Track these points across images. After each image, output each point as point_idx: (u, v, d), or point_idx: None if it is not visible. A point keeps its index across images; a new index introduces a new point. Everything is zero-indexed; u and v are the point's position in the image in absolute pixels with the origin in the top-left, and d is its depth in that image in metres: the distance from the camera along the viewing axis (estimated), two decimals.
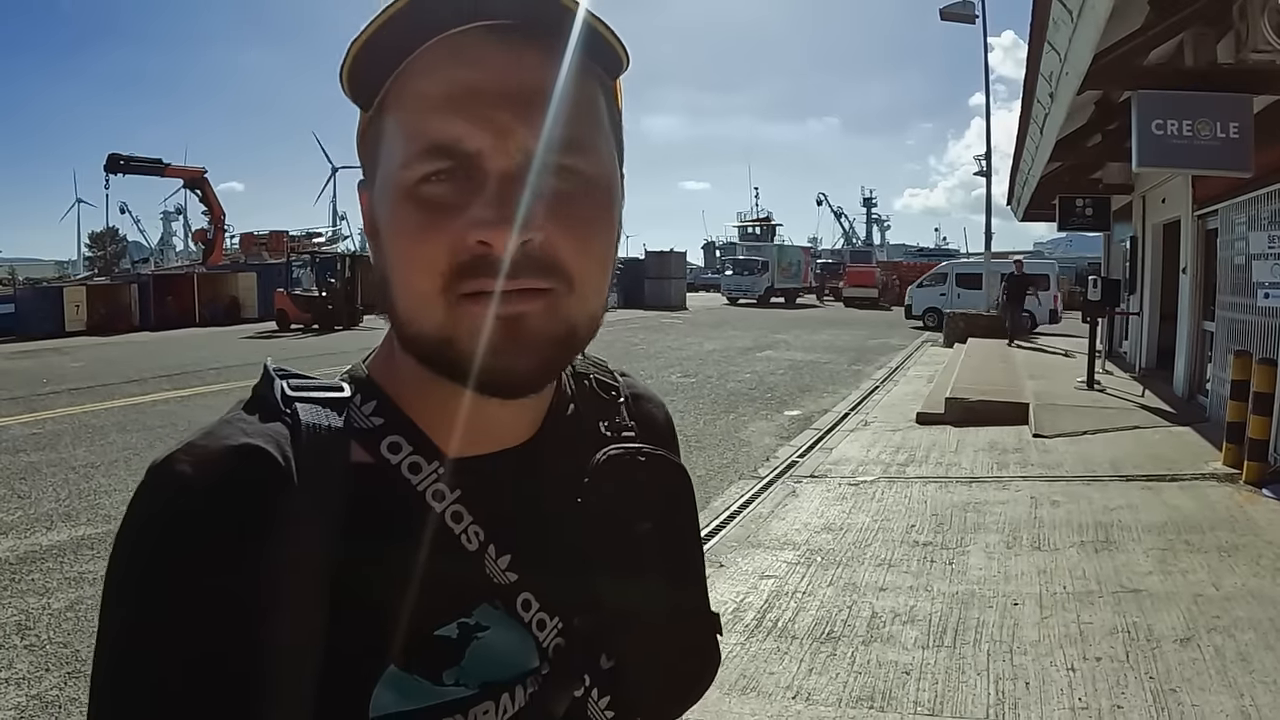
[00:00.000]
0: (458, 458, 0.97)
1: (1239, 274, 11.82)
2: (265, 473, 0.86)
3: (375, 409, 0.97)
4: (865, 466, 11.21)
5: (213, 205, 61.90)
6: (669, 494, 1.15)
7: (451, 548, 0.94)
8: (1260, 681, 5.22)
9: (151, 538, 0.85)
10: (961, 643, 5.94)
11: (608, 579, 1.04)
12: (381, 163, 0.92)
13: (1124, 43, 9.84)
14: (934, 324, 37.36)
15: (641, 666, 1.06)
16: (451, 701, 0.90)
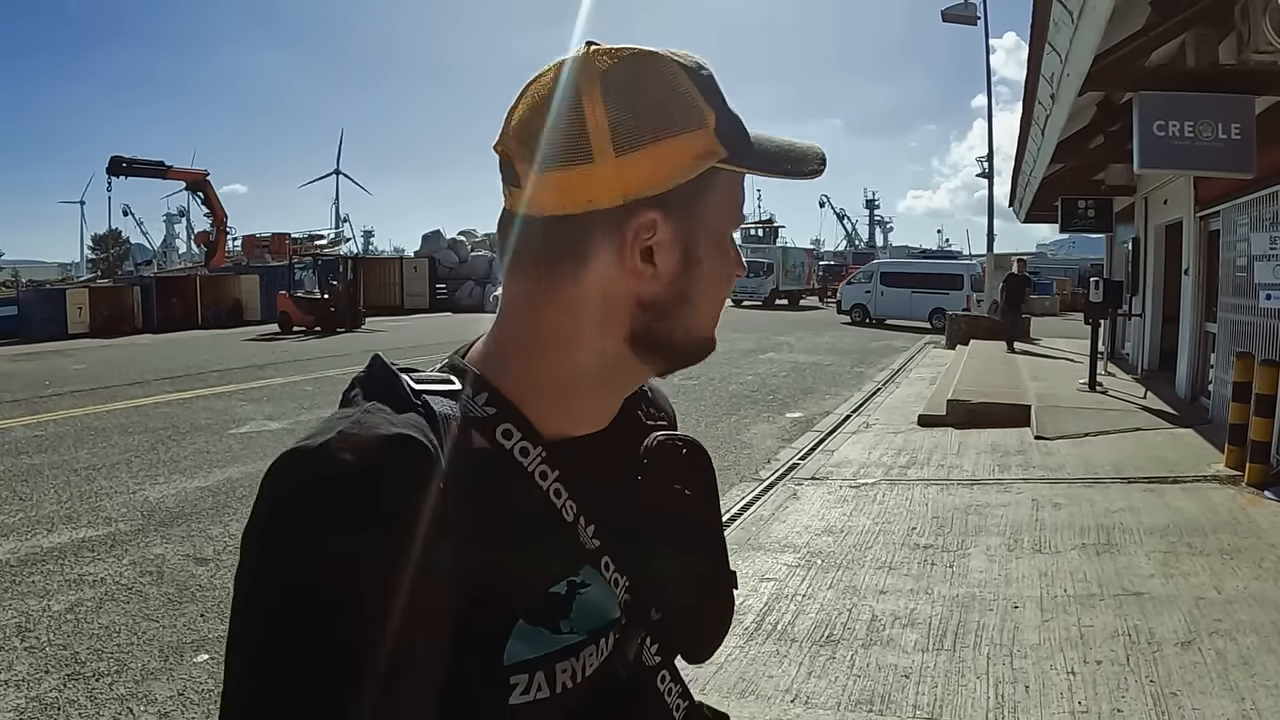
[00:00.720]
0: (556, 440, 1.13)
1: (1241, 275, 11.80)
2: (421, 459, 0.96)
3: (487, 400, 1.10)
4: (866, 469, 11.20)
5: (215, 207, 61.89)
6: (702, 474, 1.31)
7: (556, 519, 1.10)
8: (1262, 685, 5.19)
9: (321, 521, 0.91)
10: (962, 646, 5.92)
11: (660, 545, 1.21)
12: (710, 208, 1.13)
13: (1125, 44, 9.82)
14: (859, 319, 42.41)
15: (682, 616, 1.26)
16: (567, 647, 1.07)
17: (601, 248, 1.08)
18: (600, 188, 1.05)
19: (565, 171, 1.05)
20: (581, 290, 1.09)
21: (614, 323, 1.11)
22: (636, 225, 1.07)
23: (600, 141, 1.04)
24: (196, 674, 5.84)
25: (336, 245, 63.33)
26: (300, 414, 15.53)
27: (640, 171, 1.06)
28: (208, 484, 10.61)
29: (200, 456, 12.12)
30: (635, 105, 1.06)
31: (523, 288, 1.13)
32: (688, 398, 17.24)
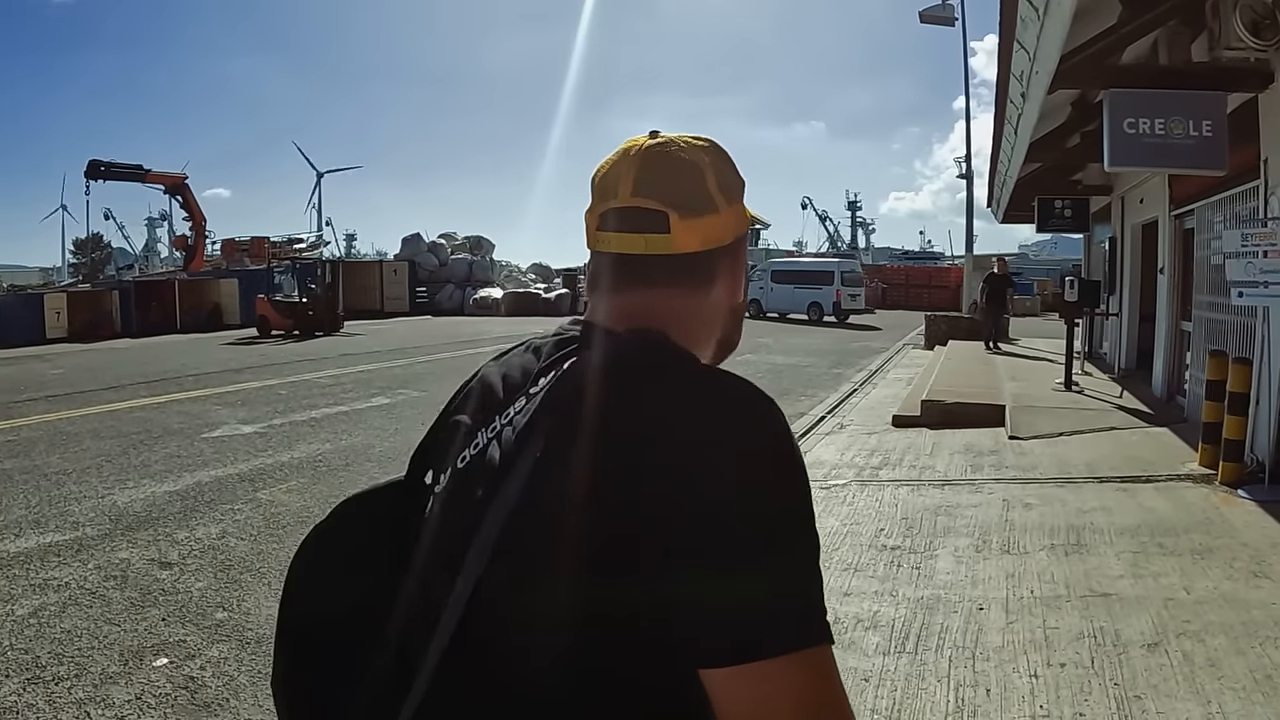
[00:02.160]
0: None
1: (1216, 274, 11.78)
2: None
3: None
4: (838, 470, 11.10)
5: (194, 211, 61.58)
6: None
7: None
8: (1229, 688, 5.10)
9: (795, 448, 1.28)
10: (924, 649, 5.81)
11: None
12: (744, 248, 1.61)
13: (1096, 41, 9.80)
14: (754, 313, 46.44)
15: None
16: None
17: (723, 271, 1.52)
18: (722, 230, 1.50)
19: (702, 220, 1.47)
20: (710, 302, 1.52)
21: (719, 325, 1.57)
22: (741, 254, 1.57)
23: (718, 199, 1.49)
24: (155, 678, 5.75)
25: (316, 249, 62.99)
26: (273, 418, 15.38)
27: (739, 218, 1.54)
28: (176, 488, 10.48)
29: (171, 461, 11.98)
30: (726, 176, 1.53)
31: (674, 299, 1.48)
32: None
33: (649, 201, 1.45)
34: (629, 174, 1.48)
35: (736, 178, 1.57)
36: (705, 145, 1.54)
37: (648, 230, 1.45)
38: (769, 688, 1.12)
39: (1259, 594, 6.52)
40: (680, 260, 1.46)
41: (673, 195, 1.45)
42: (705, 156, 1.51)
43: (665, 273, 1.46)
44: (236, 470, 11.39)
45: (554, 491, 1.22)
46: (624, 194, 1.46)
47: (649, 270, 1.46)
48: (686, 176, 1.47)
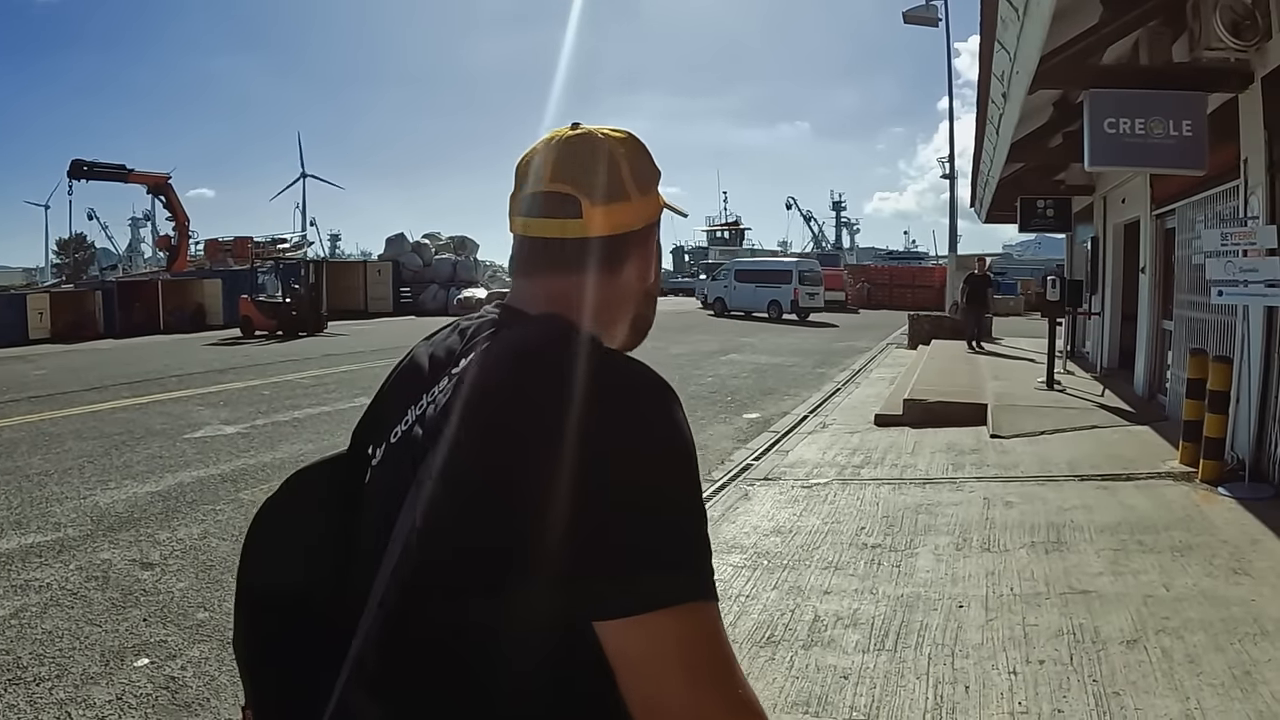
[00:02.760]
0: None
1: (1196, 273, 11.81)
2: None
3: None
4: (820, 469, 11.10)
5: (177, 211, 61.29)
6: None
7: None
8: (1208, 684, 5.11)
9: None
10: (903, 646, 5.82)
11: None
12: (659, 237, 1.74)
13: (1077, 41, 9.84)
14: (719, 310, 50.88)
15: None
16: None
17: (633, 256, 1.62)
18: (634, 216, 1.60)
19: (614, 206, 1.56)
20: (621, 285, 1.61)
21: (631, 308, 1.66)
22: (653, 240, 1.67)
23: (631, 187, 1.59)
24: (136, 678, 5.72)
25: (300, 249, 62.85)
26: (256, 418, 15.33)
27: (650, 207, 1.63)
28: (159, 489, 10.44)
29: (153, 461, 11.93)
30: (641, 166, 1.63)
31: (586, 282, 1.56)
32: None
33: (565, 187, 1.55)
34: (548, 161, 1.58)
35: (652, 168, 1.66)
36: (623, 137, 1.64)
37: (563, 215, 1.55)
38: (655, 639, 1.23)
39: (1238, 591, 6.53)
40: (593, 244, 1.56)
41: (587, 182, 1.55)
42: (621, 147, 1.61)
43: (578, 256, 1.56)
44: (219, 471, 11.35)
45: (462, 468, 1.34)
46: (543, 180, 1.57)
47: (564, 254, 1.56)
48: (601, 165, 1.57)
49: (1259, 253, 8.79)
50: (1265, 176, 9.31)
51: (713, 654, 1.28)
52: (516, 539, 1.26)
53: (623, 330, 1.66)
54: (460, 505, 1.32)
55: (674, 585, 1.25)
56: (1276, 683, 5.10)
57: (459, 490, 1.33)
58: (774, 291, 48.28)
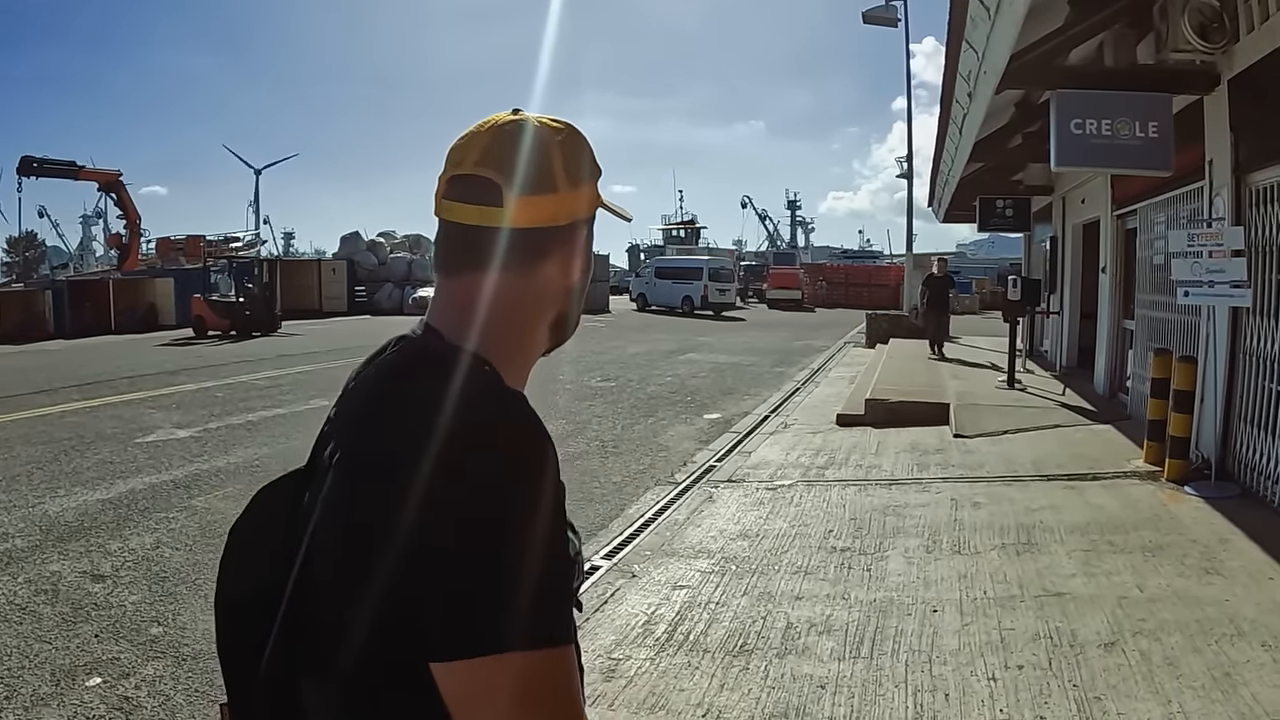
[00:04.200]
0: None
1: (1158, 273, 11.86)
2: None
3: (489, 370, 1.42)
4: (784, 470, 11.02)
5: (128, 209, 60.66)
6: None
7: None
8: (1188, 687, 5.07)
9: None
10: (879, 653, 5.73)
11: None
12: (592, 230, 1.62)
13: (1044, 42, 9.83)
14: (641, 305, 54.66)
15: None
16: (577, 550, 1.43)
17: (556, 252, 1.51)
18: (559, 210, 1.50)
19: (538, 197, 1.47)
20: (540, 283, 1.51)
21: (551, 308, 1.55)
22: (580, 237, 1.56)
23: (560, 179, 1.49)
24: (88, 698, 5.54)
25: (253, 247, 62.27)
26: (209, 421, 15.06)
27: (581, 201, 1.54)
28: (109, 496, 10.18)
29: (104, 467, 11.66)
30: (577, 157, 1.54)
31: (499, 281, 1.47)
32: (604, 400, 17.16)
33: (489, 172, 1.47)
34: (478, 145, 1.51)
35: (588, 164, 1.58)
36: (561, 128, 1.57)
37: (483, 201, 1.48)
38: (486, 682, 1.23)
39: (1211, 591, 6.51)
40: (512, 235, 1.47)
41: (513, 170, 1.48)
42: (557, 138, 1.54)
43: (495, 250, 1.48)
44: (171, 477, 11.10)
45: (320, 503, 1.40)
46: (468, 162, 1.49)
47: (481, 246, 1.48)
48: (532, 154, 1.49)
49: (1225, 254, 8.80)
50: (1231, 178, 9.34)
51: (542, 702, 1.27)
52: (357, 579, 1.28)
53: (540, 329, 1.58)
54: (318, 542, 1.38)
55: (514, 631, 1.23)
56: (1257, 684, 5.06)
57: (316, 526, 1.39)
58: (687, 287, 52.75)
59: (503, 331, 1.48)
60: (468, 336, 1.46)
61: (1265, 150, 8.79)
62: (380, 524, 1.26)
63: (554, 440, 1.35)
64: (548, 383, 19.48)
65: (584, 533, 8.63)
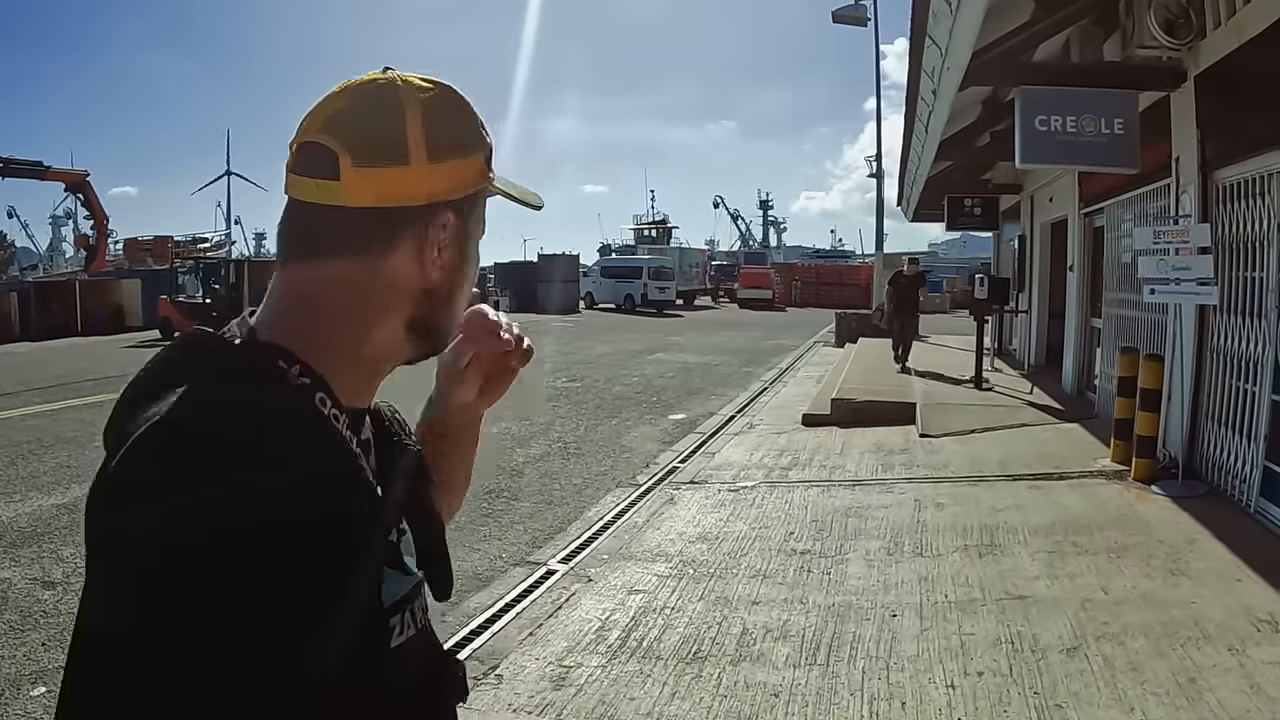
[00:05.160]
0: (349, 410, 1.24)
1: (1126, 271, 11.81)
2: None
3: (299, 372, 1.18)
4: (747, 471, 10.90)
5: (95, 210, 60.33)
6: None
7: (369, 479, 1.23)
8: (1152, 693, 4.95)
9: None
10: (835, 660, 5.60)
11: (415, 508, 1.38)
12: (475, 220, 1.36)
13: (1009, 38, 9.77)
14: (590, 303, 56.81)
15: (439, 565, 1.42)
16: (415, 584, 1.30)
17: (406, 239, 1.25)
18: (412, 187, 1.24)
19: (385, 170, 1.22)
20: (385, 276, 1.25)
21: (402, 308, 1.29)
22: (438, 223, 1.27)
23: (416, 149, 1.23)
24: (32, 708, 5.41)
25: (221, 248, 61.96)
26: None
27: (444, 179, 1.26)
28: (64, 501, 9.96)
29: (61, 472, 11.43)
30: (444, 125, 1.27)
31: (329, 271, 1.24)
32: (569, 400, 17.03)
33: (327, 139, 1.23)
34: (328, 107, 1.27)
35: (463, 133, 1.31)
36: (428, 88, 1.29)
37: (319, 174, 1.23)
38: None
39: (1177, 593, 6.40)
40: (351, 217, 1.23)
41: (355, 137, 1.23)
42: (418, 98, 1.27)
43: (334, 233, 1.24)
44: None
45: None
46: (312, 128, 1.25)
47: (315, 227, 1.25)
48: (381, 119, 1.24)
49: (1191, 251, 8.75)
50: (1197, 175, 9.29)
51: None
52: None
53: (391, 334, 1.31)
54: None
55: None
56: (1222, 689, 4.95)
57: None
58: (629, 286, 55.59)
59: (330, 330, 1.25)
60: (285, 333, 1.23)
61: (1232, 147, 8.74)
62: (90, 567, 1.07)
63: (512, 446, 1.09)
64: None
65: (542, 535, 8.59)
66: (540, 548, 8.28)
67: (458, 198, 1.29)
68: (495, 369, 1.55)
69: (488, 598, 6.99)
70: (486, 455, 1.66)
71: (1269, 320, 8.06)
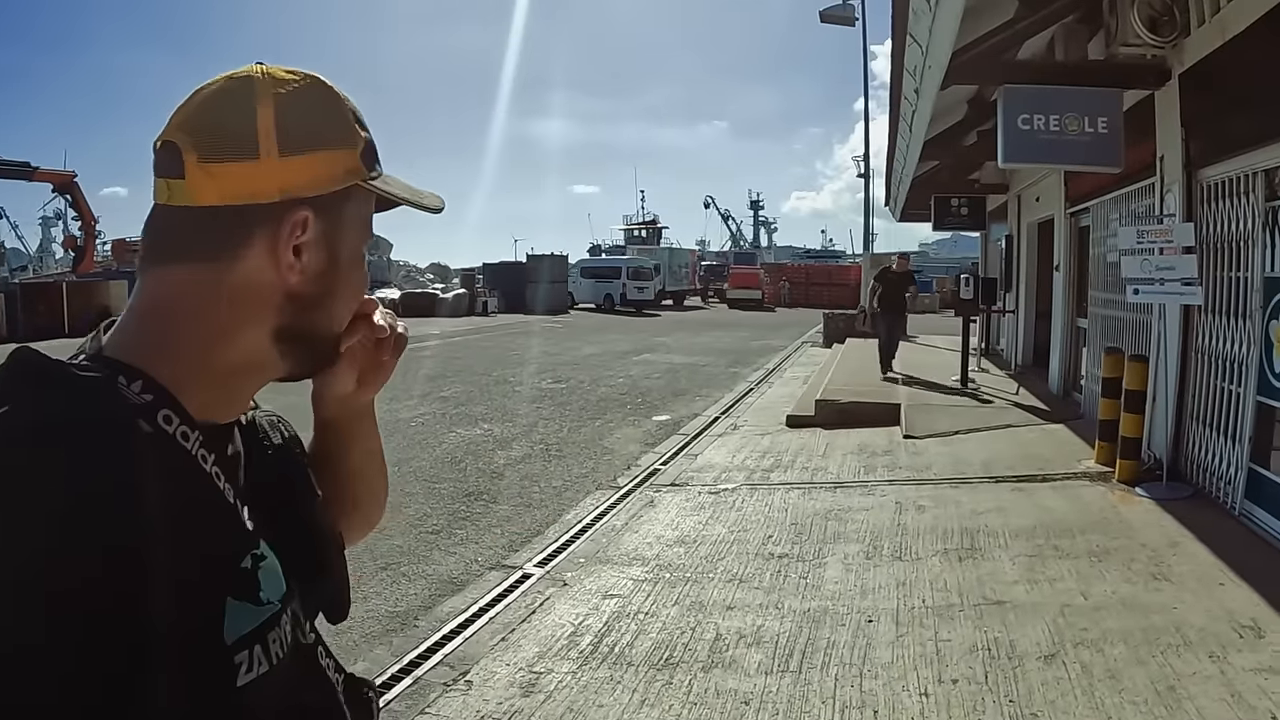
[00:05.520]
0: (206, 426, 1.14)
1: (1111, 271, 11.76)
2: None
3: (141, 387, 1.08)
4: (729, 473, 10.81)
5: (83, 211, 60.05)
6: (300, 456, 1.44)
7: (224, 500, 1.13)
8: (1130, 701, 4.86)
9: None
10: (809, 667, 5.51)
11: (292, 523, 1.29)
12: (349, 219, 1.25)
13: (992, 36, 9.74)
14: (571, 302, 56.50)
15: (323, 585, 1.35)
16: (271, 615, 1.13)
17: (258, 240, 1.15)
18: (262, 183, 1.14)
19: (231, 165, 1.12)
20: (237, 280, 1.15)
21: (263, 315, 1.18)
22: (291, 221, 1.16)
23: (267, 142, 1.14)
24: None
25: None
26: None
27: (299, 173, 1.16)
28: None
29: None
30: (301, 117, 1.17)
31: (176, 276, 1.15)
32: (554, 401, 16.94)
33: (178, 135, 1.14)
34: (186, 105, 1.18)
35: (323, 126, 1.21)
36: (288, 79, 1.20)
37: (167, 173, 1.15)
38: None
39: (1159, 598, 6.32)
40: (198, 217, 1.14)
41: (202, 131, 1.14)
42: (274, 91, 1.17)
43: (180, 235, 1.16)
44: None
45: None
46: (170, 126, 1.16)
47: (165, 230, 1.17)
48: (230, 110, 1.16)
49: (1175, 250, 8.69)
50: (1182, 174, 9.22)
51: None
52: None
53: (254, 344, 1.20)
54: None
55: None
56: (1202, 698, 4.86)
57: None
58: (608, 286, 57.18)
59: (179, 341, 1.15)
60: (133, 346, 1.14)
61: (1216, 145, 8.67)
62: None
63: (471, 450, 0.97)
64: (496, 384, 19.33)
65: (520, 539, 8.49)
66: (517, 551, 8.19)
67: (317, 194, 1.19)
68: (369, 359, 1.45)
69: (461, 602, 6.91)
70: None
71: (1253, 320, 7.99)
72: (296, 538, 1.27)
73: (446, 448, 12.54)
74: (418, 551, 8.14)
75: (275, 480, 1.31)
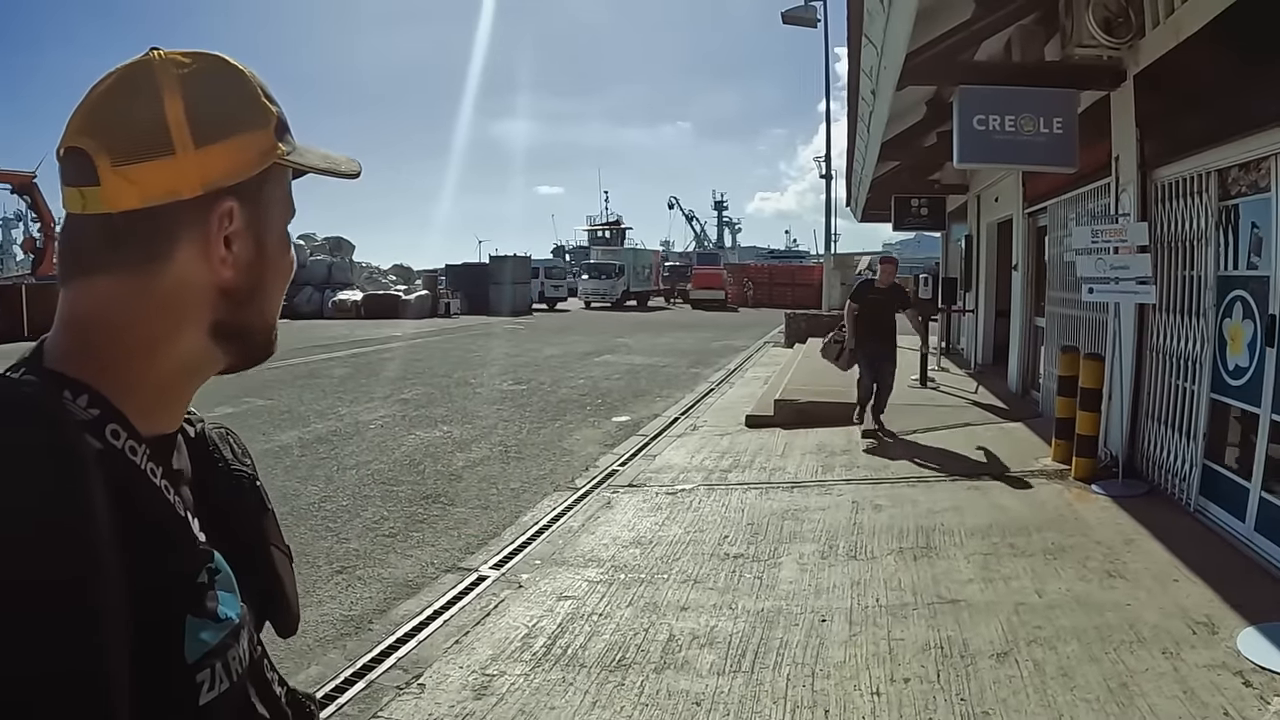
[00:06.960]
0: (151, 438, 1.09)
1: (1068, 270, 11.81)
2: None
3: (88, 402, 1.04)
4: (687, 474, 10.80)
5: (42, 212, 59.42)
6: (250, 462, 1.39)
7: (175, 513, 1.08)
8: (1082, 699, 4.87)
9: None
10: (761, 667, 5.49)
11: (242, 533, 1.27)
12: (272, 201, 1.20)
13: (948, 37, 9.78)
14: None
15: (272, 599, 1.32)
16: (231, 631, 1.09)
17: (186, 239, 1.10)
18: (182, 178, 1.08)
19: (147, 164, 1.06)
20: (169, 285, 1.10)
21: (199, 314, 1.14)
22: (218, 213, 1.11)
23: (180, 134, 1.08)
24: None
25: None
26: None
27: (218, 163, 1.10)
28: None
29: None
30: (211, 102, 1.11)
31: (103, 288, 1.09)
32: (513, 403, 16.83)
33: (84, 139, 1.08)
34: (84, 105, 1.11)
35: (234, 108, 1.14)
36: (186, 62, 1.12)
37: (79, 181, 1.08)
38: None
39: (1113, 595, 6.35)
40: (118, 224, 1.07)
41: (109, 131, 1.07)
42: (176, 75, 1.10)
43: (100, 245, 1.09)
44: None
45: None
46: (70, 130, 1.10)
47: (85, 241, 1.10)
48: (135, 104, 1.08)
49: (1130, 249, 8.74)
50: (1136, 174, 9.29)
51: None
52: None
53: (191, 344, 1.15)
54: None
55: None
56: (1155, 695, 4.88)
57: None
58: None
59: (115, 354, 1.10)
60: (71, 360, 1.09)
61: (1171, 146, 8.73)
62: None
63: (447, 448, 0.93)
64: (458, 386, 19.21)
65: (476, 541, 8.43)
66: (473, 554, 8.12)
67: (240, 181, 1.13)
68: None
69: (416, 605, 6.84)
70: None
71: (1207, 319, 8.05)
72: (247, 551, 1.25)
73: (405, 450, 12.43)
74: (374, 555, 8.06)
75: (225, 493, 1.28)
